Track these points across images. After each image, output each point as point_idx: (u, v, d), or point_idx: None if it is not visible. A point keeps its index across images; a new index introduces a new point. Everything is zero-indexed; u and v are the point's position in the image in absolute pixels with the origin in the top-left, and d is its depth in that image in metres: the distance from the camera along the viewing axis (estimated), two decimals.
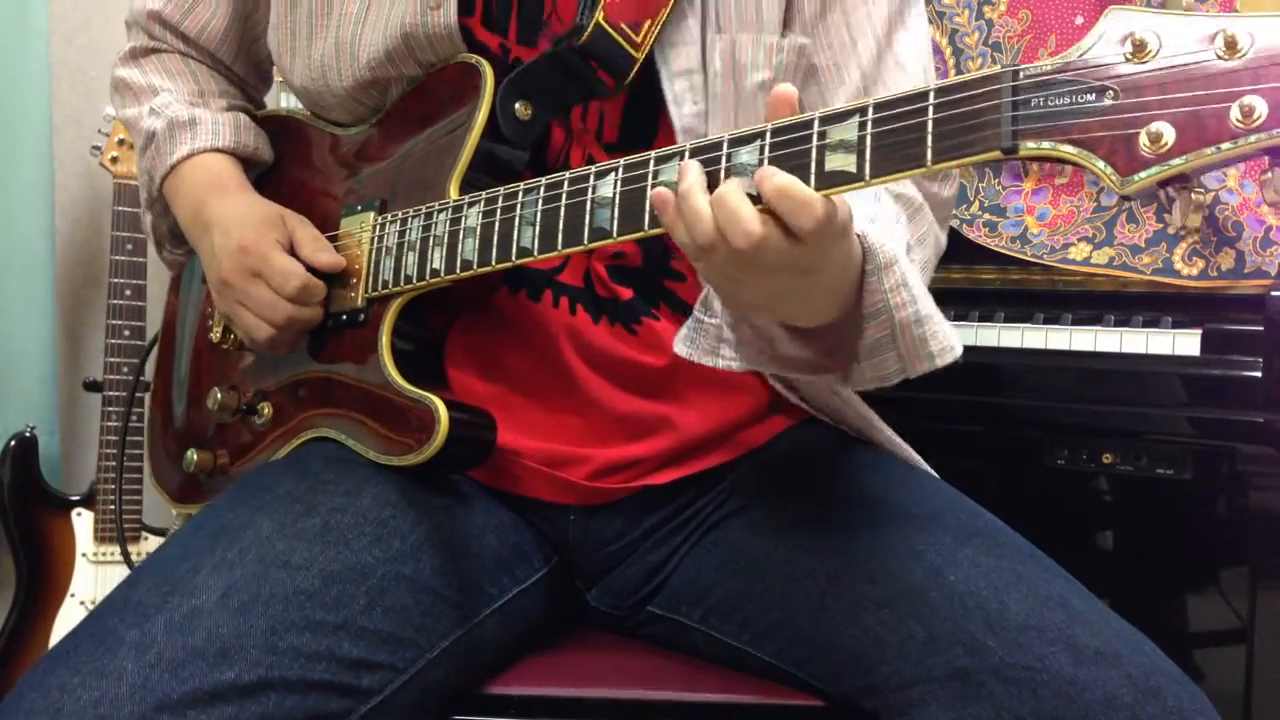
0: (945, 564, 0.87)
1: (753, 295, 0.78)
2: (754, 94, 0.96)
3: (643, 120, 1.00)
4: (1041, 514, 1.28)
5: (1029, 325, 1.50)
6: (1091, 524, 1.64)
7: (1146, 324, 1.43)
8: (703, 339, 0.90)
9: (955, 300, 1.58)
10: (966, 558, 0.87)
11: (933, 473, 1.06)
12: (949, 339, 0.84)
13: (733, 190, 0.73)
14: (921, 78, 1.00)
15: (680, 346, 0.92)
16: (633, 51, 0.95)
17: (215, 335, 1.13)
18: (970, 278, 1.60)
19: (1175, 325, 1.41)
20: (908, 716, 0.82)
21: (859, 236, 0.80)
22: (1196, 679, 0.81)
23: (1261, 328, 1.35)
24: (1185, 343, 1.40)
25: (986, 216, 1.59)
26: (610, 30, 0.94)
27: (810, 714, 0.92)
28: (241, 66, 1.21)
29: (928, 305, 0.83)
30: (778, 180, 0.72)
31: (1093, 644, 0.80)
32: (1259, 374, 1.35)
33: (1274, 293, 1.35)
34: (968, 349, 1.51)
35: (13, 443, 2.01)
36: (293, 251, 1.02)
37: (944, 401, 1.55)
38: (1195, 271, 1.42)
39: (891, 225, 0.88)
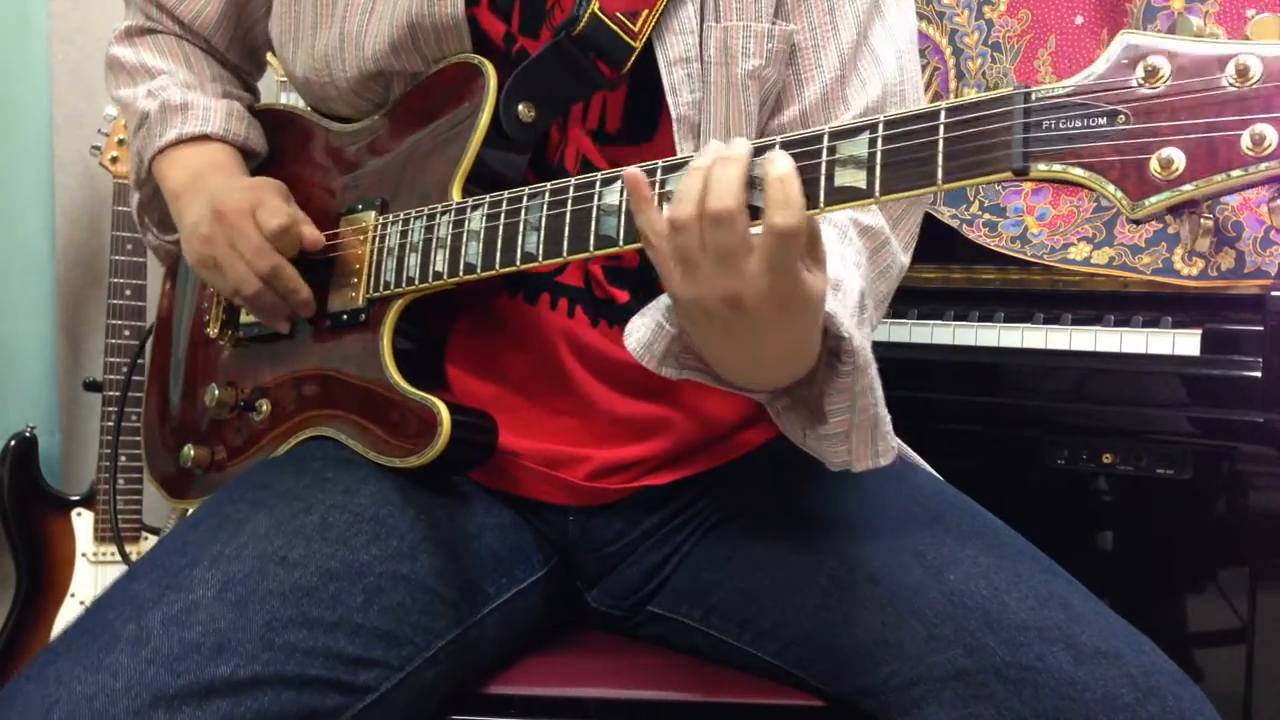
0: (946, 564, 0.87)
1: (694, 290, 0.75)
2: (744, 82, 0.96)
3: (644, 110, 0.99)
4: (1041, 514, 1.28)
5: (1029, 325, 1.50)
6: (1091, 524, 1.64)
7: (1146, 324, 1.43)
8: (658, 343, 0.84)
9: (955, 300, 1.58)
10: (967, 558, 0.87)
11: (933, 472, 1.06)
12: (893, 441, 0.88)
13: (739, 156, 0.73)
14: (895, 66, 1.00)
15: (631, 341, 0.84)
16: (630, 41, 0.95)
17: (212, 331, 1.13)
18: (970, 278, 1.60)
19: (1175, 325, 1.41)
20: (909, 716, 0.82)
21: (842, 338, 0.80)
22: (1196, 679, 0.82)
23: (1261, 328, 1.35)
24: (1185, 343, 1.40)
25: (986, 216, 1.59)
26: (606, 20, 0.94)
27: (811, 714, 0.92)
28: (235, 53, 1.20)
29: (883, 408, 0.85)
30: (783, 168, 0.72)
31: (1093, 643, 0.80)
32: (1259, 374, 1.35)
33: (1274, 293, 1.36)
34: (968, 349, 1.53)
35: (13, 443, 2.01)
36: None
37: (944, 401, 1.55)
38: (1195, 271, 1.42)
39: (854, 275, 0.87)
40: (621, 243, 0.82)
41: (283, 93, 1.96)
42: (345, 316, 1.01)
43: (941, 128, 0.69)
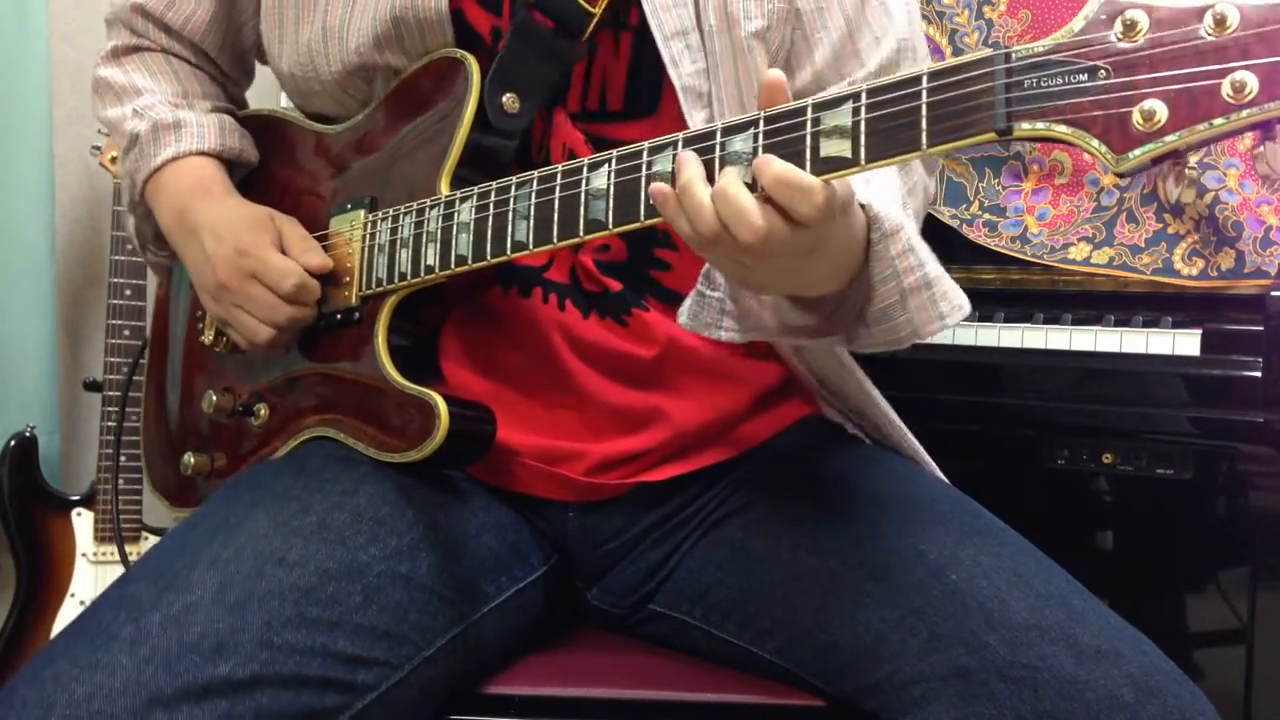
0: (947, 563, 0.87)
1: (760, 277, 0.79)
2: (749, 44, 0.96)
3: (646, 85, 0.99)
4: (1041, 514, 1.28)
5: (1029, 325, 1.50)
6: (1091, 524, 1.64)
7: (1146, 324, 1.43)
8: (705, 312, 0.89)
9: None
10: (968, 557, 0.87)
11: (937, 471, 1.06)
12: (957, 297, 0.85)
13: (732, 183, 0.74)
14: (906, 21, 1.01)
15: (684, 319, 0.90)
16: (587, 6, 0.95)
17: (207, 338, 1.12)
18: (970, 278, 1.60)
19: (1175, 325, 1.41)
20: (909, 715, 0.82)
21: (863, 206, 0.80)
22: (1196, 679, 0.82)
23: (1261, 328, 1.35)
24: (1185, 343, 1.40)
25: (986, 216, 1.59)
26: None
27: (811, 713, 0.92)
28: (225, 59, 1.19)
29: (935, 268, 0.84)
30: (776, 169, 0.72)
31: (1094, 643, 0.80)
32: (1259, 374, 1.35)
33: (1274, 293, 1.36)
34: (967, 349, 1.53)
35: (13, 443, 2.01)
36: (284, 252, 1.01)
37: (944, 401, 1.55)
38: (1195, 271, 1.42)
39: (885, 179, 0.88)
40: (611, 225, 0.83)
41: (283, 94, 1.95)
42: (339, 316, 1.01)
43: (924, 92, 0.70)
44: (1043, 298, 1.53)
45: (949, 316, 0.84)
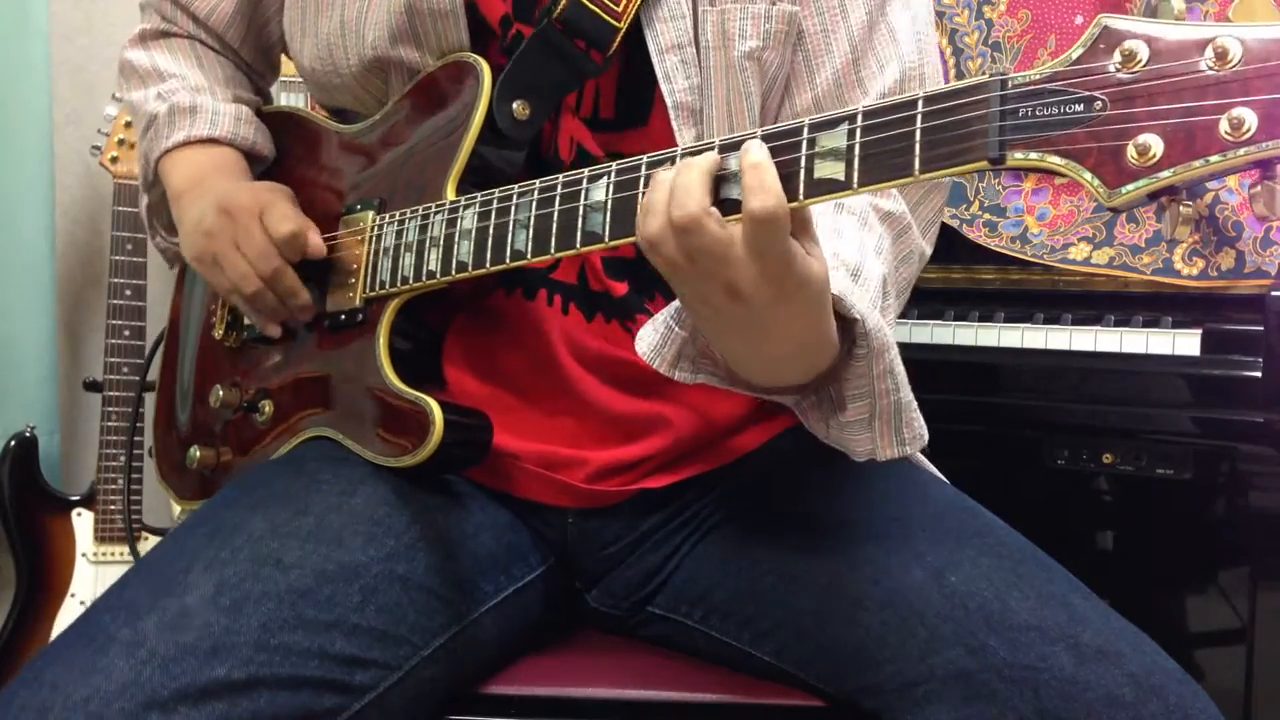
0: (947, 564, 0.87)
1: (693, 290, 0.76)
2: (741, 64, 0.95)
3: (637, 97, 0.99)
4: (1041, 514, 1.28)
5: (1029, 325, 1.50)
6: (1091, 524, 1.64)
7: (1146, 324, 1.43)
8: (668, 347, 0.85)
9: (955, 300, 1.58)
10: (968, 558, 0.87)
11: (936, 472, 1.06)
12: (921, 428, 0.86)
13: (699, 162, 0.74)
14: (914, 50, 0.99)
15: (643, 347, 0.85)
16: (613, 21, 0.94)
17: (218, 332, 1.14)
18: (970, 278, 1.60)
19: (1175, 325, 1.41)
20: (910, 716, 0.82)
21: (856, 320, 0.79)
22: (1197, 678, 0.82)
23: (1261, 328, 1.35)
24: (1185, 343, 1.40)
25: (986, 216, 1.59)
26: (585, 1, 0.94)
27: (811, 714, 0.92)
28: (249, 51, 1.21)
29: (907, 393, 0.84)
30: (756, 155, 0.72)
31: (1094, 643, 0.80)
32: (1259, 374, 1.35)
33: (1274, 293, 1.36)
34: (968, 349, 1.53)
35: (13, 443, 2.01)
36: None
37: (944, 401, 1.54)
38: (1195, 271, 1.42)
39: (873, 266, 0.87)
40: (607, 239, 0.82)
41: (283, 92, 1.96)
42: (343, 317, 1.01)
43: (919, 117, 0.69)
44: (1043, 298, 1.54)
45: (909, 444, 0.85)
